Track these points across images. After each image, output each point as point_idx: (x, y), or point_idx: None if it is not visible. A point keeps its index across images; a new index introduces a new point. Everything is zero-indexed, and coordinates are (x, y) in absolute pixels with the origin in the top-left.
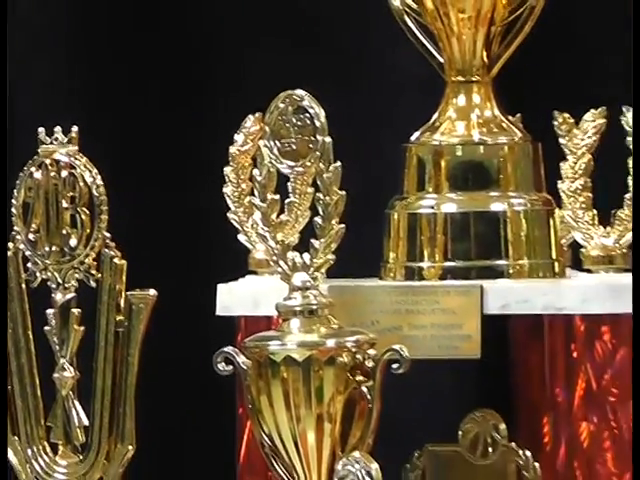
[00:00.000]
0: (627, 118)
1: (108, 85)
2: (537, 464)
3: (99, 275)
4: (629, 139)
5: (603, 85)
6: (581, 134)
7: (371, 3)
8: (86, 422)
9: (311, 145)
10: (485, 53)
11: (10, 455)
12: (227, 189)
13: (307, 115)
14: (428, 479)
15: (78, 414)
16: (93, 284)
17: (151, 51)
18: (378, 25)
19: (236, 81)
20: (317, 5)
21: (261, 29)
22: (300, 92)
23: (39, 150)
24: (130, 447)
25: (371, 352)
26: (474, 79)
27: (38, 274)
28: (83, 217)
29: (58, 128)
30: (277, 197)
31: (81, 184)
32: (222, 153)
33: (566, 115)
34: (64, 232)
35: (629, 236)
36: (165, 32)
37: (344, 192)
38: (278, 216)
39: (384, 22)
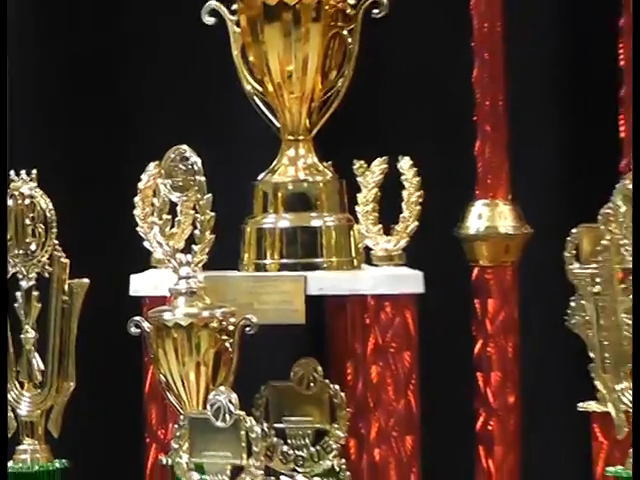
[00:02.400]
0: (401, 164)
1: (55, 139)
2: (343, 394)
3: (51, 269)
4: (403, 177)
5: (387, 141)
6: (371, 174)
7: (235, 86)
8: (42, 367)
9: (192, 182)
10: (308, 120)
11: None
12: (136, 211)
13: (189, 162)
14: (270, 405)
15: (37, 362)
16: (47, 275)
17: (85, 117)
18: (241, 101)
19: (145, 140)
20: (204, 78)
21: (162, 100)
22: (184, 147)
23: (10, 186)
24: (72, 384)
25: (232, 320)
26: (300, 138)
27: (10, 269)
28: (40, 230)
29: (23, 171)
30: (169, 217)
31: (38, 208)
32: (134, 187)
33: (362, 162)
34: (27, 241)
35: (403, 242)
36: (99, 96)
37: (214, 213)
38: (170, 229)
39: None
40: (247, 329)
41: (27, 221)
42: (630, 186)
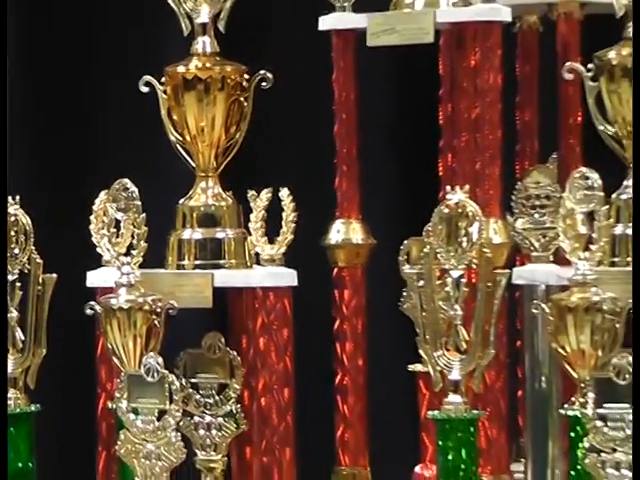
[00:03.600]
0: (282, 193)
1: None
2: (239, 358)
3: (29, 267)
4: (282, 202)
5: (272, 176)
6: (260, 201)
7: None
8: (22, 338)
9: (131, 205)
10: (215, 162)
11: None
12: (92, 226)
13: (129, 191)
14: (187, 366)
15: (19, 334)
16: (26, 271)
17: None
18: (169, 147)
19: (99, 174)
20: (143, 130)
21: (114, 145)
22: (126, 180)
23: None
24: (44, 350)
25: (159, 304)
26: (209, 174)
27: None
28: (21, 239)
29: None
30: (115, 230)
31: (20, 224)
32: (90, 209)
33: (253, 191)
34: (12, 246)
35: (282, 249)
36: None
37: (147, 228)
38: (115, 239)
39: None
40: (170, 311)
41: (12, 232)
42: (446, 210)
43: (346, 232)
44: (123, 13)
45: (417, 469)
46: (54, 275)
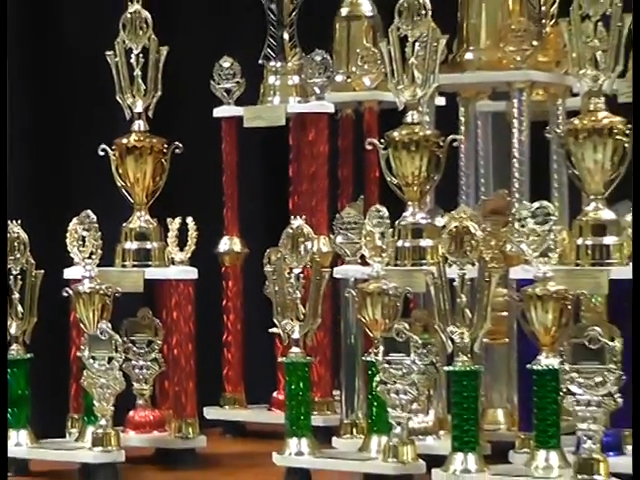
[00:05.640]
0: (188, 220)
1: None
2: (160, 324)
3: (27, 266)
4: (189, 226)
5: (181, 208)
6: (175, 224)
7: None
8: (22, 310)
9: (92, 227)
10: (145, 199)
11: None
12: (67, 240)
13: (91, 217)
14: (127, 330)
15: (19, 308)
16: (25, 269)
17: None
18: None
19: (73, 207)
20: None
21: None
22: (89, 211)
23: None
24: (35, 319)
25: (110, 290)
26: (142, 207)
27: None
28: (21, 248)
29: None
30: (81, 243)
31: (20, 238)
32: (66, 228)
33: (169, 218)
34: (15, 252)
35: (188, 255)
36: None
37: (101, 241)
38: (82, 248)
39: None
40: (116, 294)
41: (15, 244)
42: (291, 230)
43: (230, 244)
44: (90, 102)
45: (274, 394)
46: (42, 271)
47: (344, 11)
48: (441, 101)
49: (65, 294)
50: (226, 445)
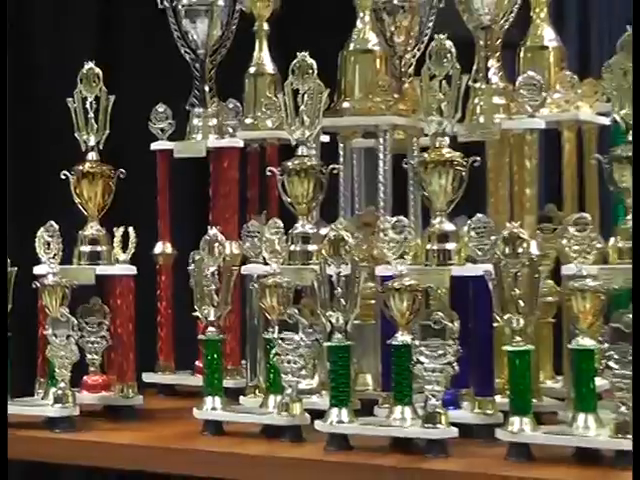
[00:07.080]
0: (130, 230)
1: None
2: (108, 309)
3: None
4: (130, 235)
5: (127, 219)
6: (119, 232)
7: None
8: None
9: (55, 234)
10: (97, 213)
11: None
12: (36, 244)
13: (54, 227)
14: (83, 314)
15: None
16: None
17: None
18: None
19: (43, 221)
20: None
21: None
22: (52, 222)
23: None
24: (11, 305)
25: (69, 283)
26: (94, 219)
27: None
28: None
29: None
30: (47, 246)
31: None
32: (34, 235)
33: (117, 228)
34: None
35: (129, 256)
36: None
37: (62, 245)
38: (47, 251)
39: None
40: (73, 286)
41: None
42: (208, 238)
43: (163, 248)
44: (55, 138)
45: (197, 362)
46: (15, 268)
47: (252, 70)
48: (325, 138)
49: (34, 286)
50: (159, 403)
